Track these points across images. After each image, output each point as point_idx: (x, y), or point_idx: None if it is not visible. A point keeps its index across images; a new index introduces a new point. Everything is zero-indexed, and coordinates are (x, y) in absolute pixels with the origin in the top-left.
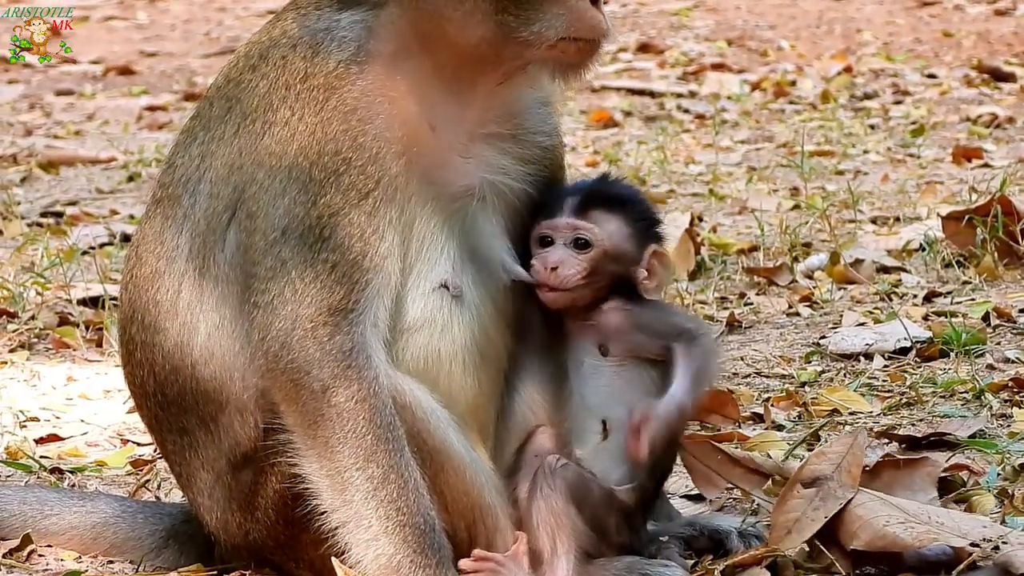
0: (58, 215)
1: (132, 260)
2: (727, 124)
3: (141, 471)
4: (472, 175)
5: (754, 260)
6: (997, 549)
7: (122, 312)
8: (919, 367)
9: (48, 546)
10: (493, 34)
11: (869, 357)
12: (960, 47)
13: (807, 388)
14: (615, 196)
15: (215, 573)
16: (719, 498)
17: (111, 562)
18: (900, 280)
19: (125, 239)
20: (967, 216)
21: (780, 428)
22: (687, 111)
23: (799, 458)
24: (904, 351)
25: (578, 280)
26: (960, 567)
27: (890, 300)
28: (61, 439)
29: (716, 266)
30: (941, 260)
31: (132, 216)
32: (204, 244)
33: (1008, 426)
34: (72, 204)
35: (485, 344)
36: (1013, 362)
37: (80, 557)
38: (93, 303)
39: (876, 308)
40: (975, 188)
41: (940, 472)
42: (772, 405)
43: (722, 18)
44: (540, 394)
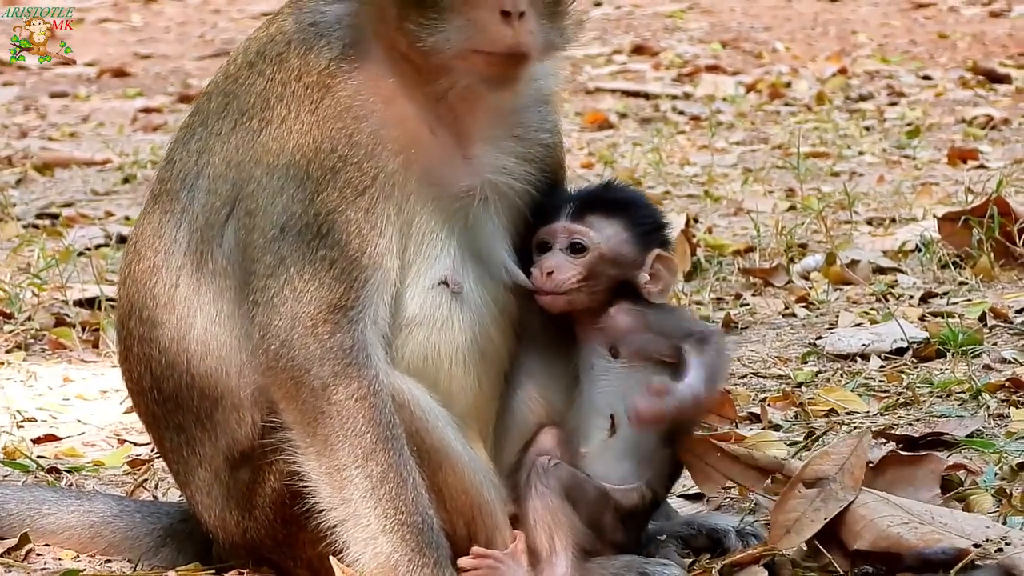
0: (54, 217)
1: (130, 255)
2: (722, 126)
3: (138, 471)
4: (474, 176)
5: (750, 261)
6: (1001, 551)
7: (120, 307)
8: (916, 367)
9: (46, 545)
10: (406, 43)
11: (866, 357)
12: (955, 49)
13: (804, 388)
14: (614, 201)
15: (213, 572)
16: (717, 497)
17: (109, 561)
18: (896, 281)
19: (121, 240)
20: (963, 217)
21: (777, 428)
22: (682, 113)
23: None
24: (901, 351)
25: (573, 284)
26: (958, 567)
27: (886, 301)
28: (58, 439)
29: (712, 267)
30: (937, 261)
31: (128, 218)
32: (202, 239)
33: (1005, 426)
34: (68, 206)
35: (485, 343)
36: (1010, 362)
37: (78, 556)
38: (89, 304)
39: (872, 309)
40: (971, 189)
41: (944, 469)
42: (769, 405)
43: (717, 20)
44: (540, 394)
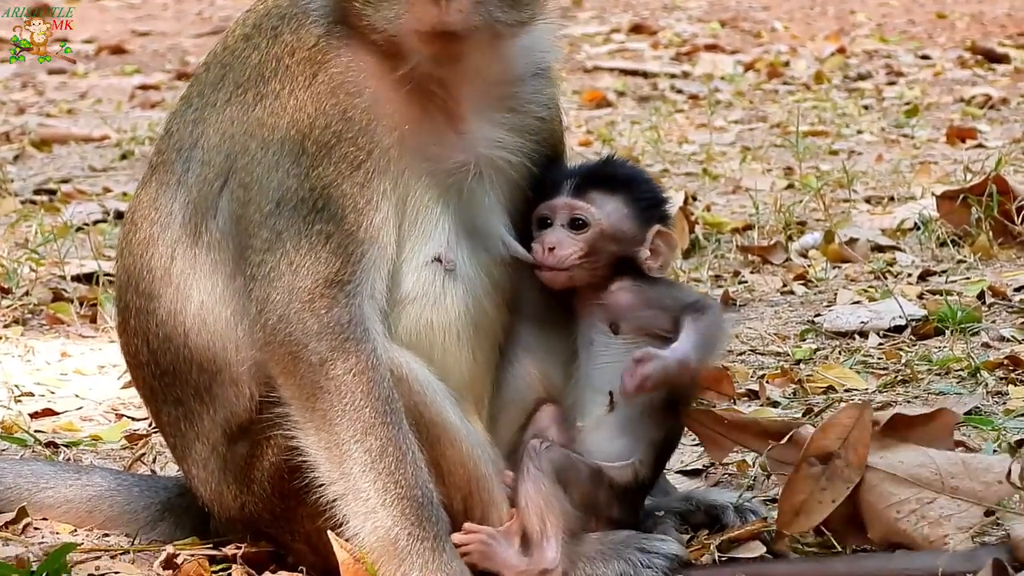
0: (51, 192)
1: (128, 226)
2: (720, 104)
3: (136, 445)
4: (467, 151)
5: (748, 239)
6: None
7: (118, 279)
8: (914, 345)
9: (43, 519)
10: (359, 23)
11: (864, 335)
12: (954, 28)
13: (802, 365)
14: (615, 177)
15: (210, 546)
16: (715, 473)
17: (106, 535)
18: (895, 259)
19: (119, 216)
20: (962, 195)
21: (775, 405)
22: (680, 91)
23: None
24: (899, 329)
25: (574, 260)
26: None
27: (885, 279)
28: (56, 413)
29: (710, 245)
30: (936, 239)
31: (125, 193)
32: (196, 211)
33: (1004, 403)
34: (65, 182)
35: (480, 317)
36: (1008, 340)
37: (75, 530)
38: (87, 279)
39: (871, 286)
40: (969, 168)
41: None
42: (767, 382)
43: None
44: (537, 368)
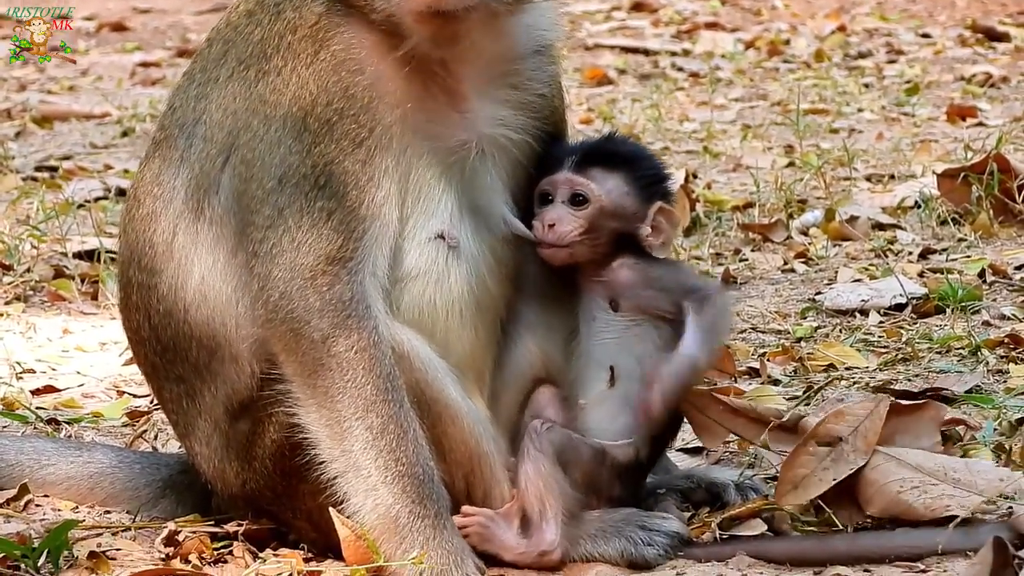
0: (52, 169)
1: (131, 201)
2: (721, 82)
3: (137, 422)
4: (469, 130)
5: (749, 217)
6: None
7: (121, 254)
8: (915, 323)
9: (45, 496)
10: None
11: (865, 313)
12: (954, 7)
13: (803, 343)
14: (616, 153)
15: (212, 523)
16: (716, 451)
17: (108, 512)
18: (895, 237)
19: (120, 193)
20: (963, 174)
21: (776, 383)
22: (681, 69)
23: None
24: (900, 307)
25: (575, 237)
26: (958, 520)
27: (885, 257)
28: (57, 390)
29: (711, 222)
30: (936, 217)
31: (127, 171)
32: (199, 187)
33: (1004, 382)
34: (66, 159)
35: (482, 295)
36: (1009, 319)
37: (77, 507)
38: (88, 256)
39: (871, 265)
40: (970, 146)
41: (945, 416)
42: (768, 360)
43: None
44: (539, 345)
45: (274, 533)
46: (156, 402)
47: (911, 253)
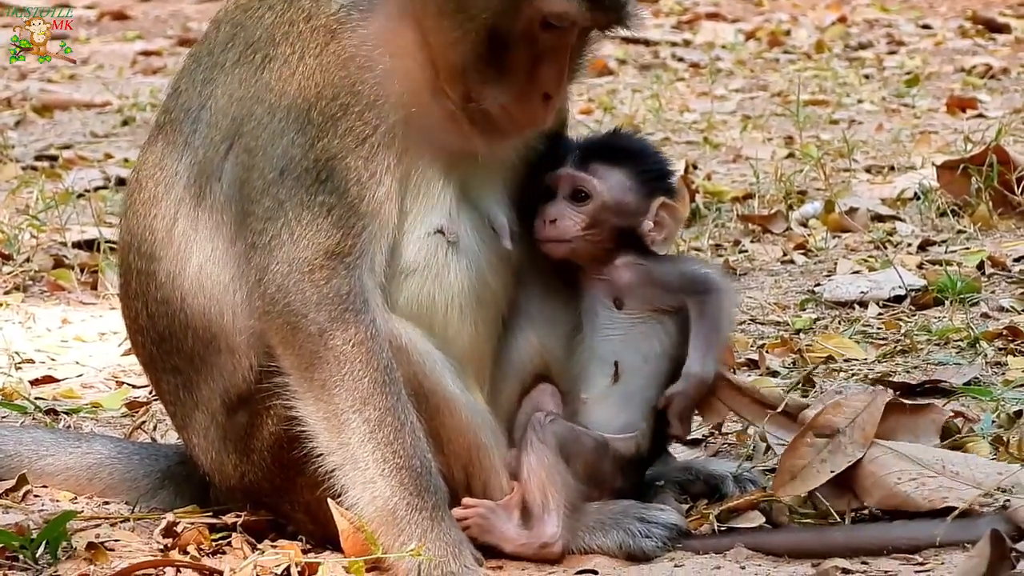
0: (52, 159)
1: (132, 185)
2: (722, 73)
3: (136, 413)
4: (473, 141)
5: (749, 208)
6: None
7: (122, 239)
8: (914, 315)
9: (43, 487)
10: (442, 60)
11: (864, 305)
12: None
13: (802, 335)
14: (618, 149)
15: (210, 514)
16: (715, 443)
17: (106, 503)
18: (895, 229)
19: (120, 182)
20: (962, 165)
21: (775, 374)
22: (682, 60)
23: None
24: (899, 299)
25: (576, 232)
26: (955, 513)
27: (885, 248)
28: (56, 381)
29: (711, 213)
30: (936, 209)
31: (127, 160)
32: (201, 173)
33: (1003, 374)
34: (67, 148)
35: (482, 290)
36: (1008, 311)
37: (75, 498)
38: (88, 246)
39: (871, 256)
40: (970, 138)
41: (944, 420)
42: (767, 352)
43: None
44: (539, 340)
45: (272, 524)
46: (155, 393)
47: (910, 245)
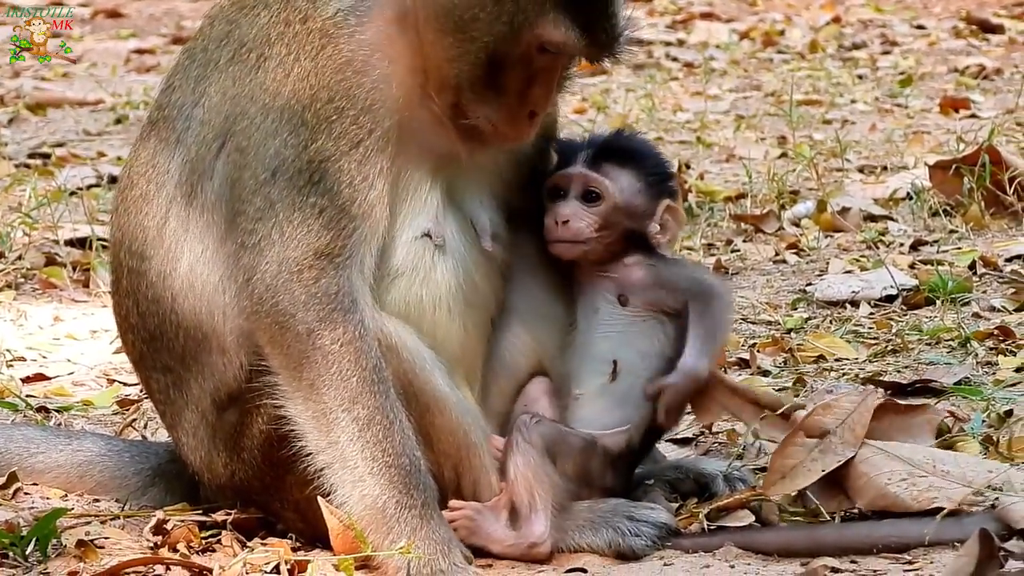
0: (45, 156)
1: (125, 182)
2: (715, 73)
3: (127, 410)
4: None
5: (741, 207)
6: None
7: (113, 237)
8: (905, 315)
9: (34, 484)
10: (435, 71)
11: (855, 304)
12: None
13: (793, 335)
14: (628, 150)
15: (200, 512)
16: (705, 442)
17: (97, 500)
18: (887, 228)
19: (112, 180)
20: (955, 166)
21: (766, 374)
22: (675, 59)
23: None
24: (890, 299)
25: (591, 233)
26: (944, 512)
27: (877, 248)
28: (47, 378)
29: (703, 213)
30: (928, 209)
31: (119, 158)
32: (193, 171)
33: (993, 374)
34: (60, 146)
35: (470, 290)
36: (999, 311)
37: (66, 495)
38: (80, 244)
39: (863, 256)
40: (962, 138)
41: (939, 420)
42: (758, 351)
43: None
44: (531, 337)
45: (262, 522)
46: (144, 391)
47: (902, 244)
